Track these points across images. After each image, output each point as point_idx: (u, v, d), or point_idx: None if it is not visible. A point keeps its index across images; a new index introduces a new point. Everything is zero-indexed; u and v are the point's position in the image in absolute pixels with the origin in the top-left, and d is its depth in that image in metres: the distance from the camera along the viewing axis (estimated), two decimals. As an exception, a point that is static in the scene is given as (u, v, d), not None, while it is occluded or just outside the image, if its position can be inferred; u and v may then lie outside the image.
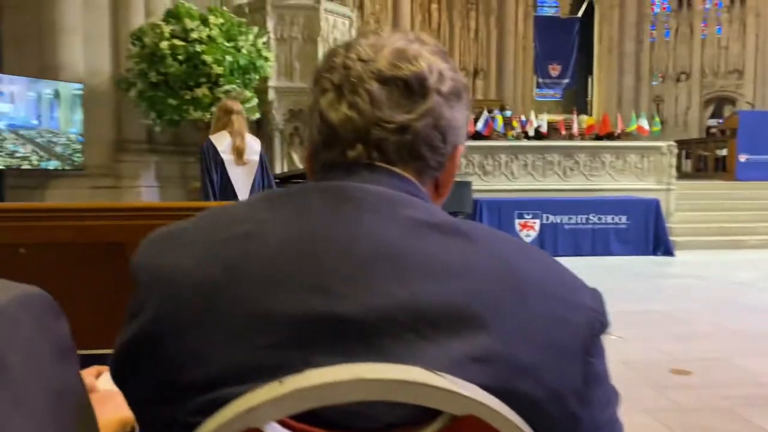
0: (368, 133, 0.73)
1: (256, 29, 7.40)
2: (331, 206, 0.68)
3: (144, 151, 7.86)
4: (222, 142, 4.43)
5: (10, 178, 7.22)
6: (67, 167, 7.19)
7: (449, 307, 0.60)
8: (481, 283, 0.62)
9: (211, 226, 0.71)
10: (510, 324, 0.61)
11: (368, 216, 0.67)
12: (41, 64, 7.21)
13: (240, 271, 0.65)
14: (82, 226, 1.91)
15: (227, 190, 4.45)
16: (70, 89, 7.12)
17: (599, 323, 0.66)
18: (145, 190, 7.89)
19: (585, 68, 22.73)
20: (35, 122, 6.93)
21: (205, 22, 6.78)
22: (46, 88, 6.99)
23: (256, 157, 4.52)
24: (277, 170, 8.19)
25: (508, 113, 12.99)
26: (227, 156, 4.41)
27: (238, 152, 4.41)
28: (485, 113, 11.15)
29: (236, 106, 4.56)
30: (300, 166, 8.35)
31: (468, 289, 0.61)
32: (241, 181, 4.46)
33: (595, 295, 0.69)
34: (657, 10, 21.87)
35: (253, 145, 4.55)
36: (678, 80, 20.98)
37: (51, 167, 7.06)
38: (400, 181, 0.73)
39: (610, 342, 0.67)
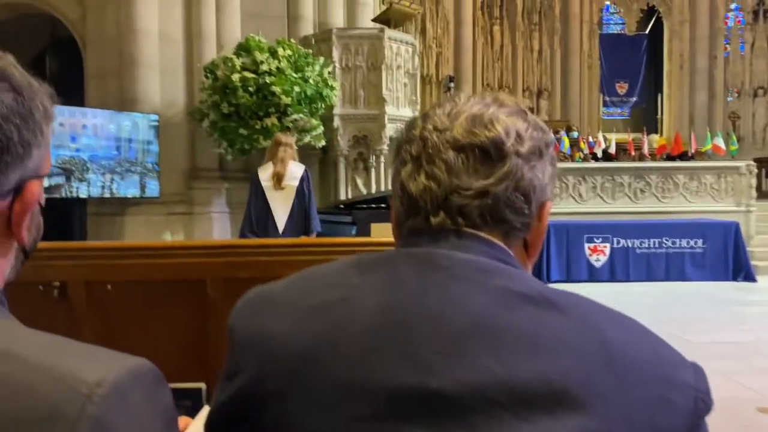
0: (447, 200, 0.73)
1: (322, 59, 7.58)
2: (421, 275, 0.68)
3: (216, 178, 8.14)
4: (266, 170, 4.80)
5: (91, 206, 7.62)
6: (144, 195, 7.52)
7: (544, 386, 0.59)
8: (577, 361, 0.61)
9: (303, 290, 0.73)
10: (609, 406, 0.59)
11: (459, 285, 0.67)
12: (120, 97, 7.61)
13: (332, 339, 0.66)
14: (164, 264, 1.99)
15: (267, 214, 4.78)
16: (147, 121, 7.48)
17: (704, 404, 0.64)
18: (217, 216, 8.15)
19: (654, 86, 22.06)
20: (115, 152, 7.29)
21: (274, 54, 7.00)
22: (125, 120, 7.36)
23: (295, 183, 4.75)
24: (341, 195, 8.31)
25: (575, 134, 12.72)
26: (267, 183, 4.75)
27: (277, 178, 4.72)
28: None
29: (285, 138, 4.89)
30: (364, 191, 8.44)
31: (564, 367, 0.60)
32: (279, 204, 4.78)
33: (698, 372, 0.66)
34: (731, 23, 21.06)
35: (294, 171, 4.78)
36: (755, 95, 20.04)
37: (129, 195, 7.40)
38: (489, 246, 0.73)
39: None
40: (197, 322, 2.03)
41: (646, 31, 21.47)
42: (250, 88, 6.84)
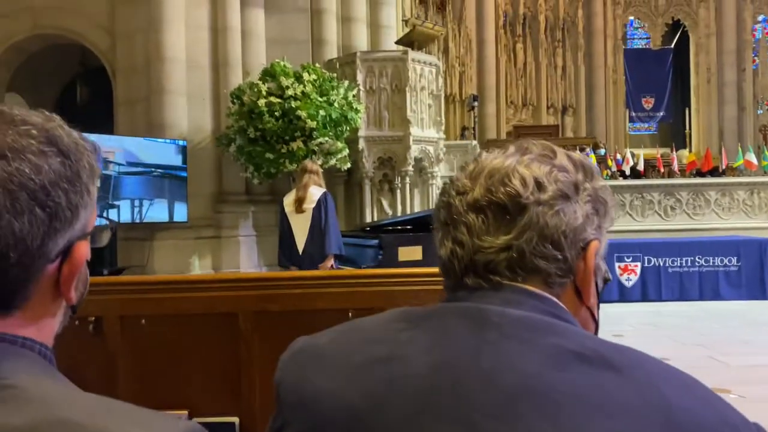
0: (472, 261, 0.73)
1: (346, 83, 7.64)
2: (471, 332, 0.66)
3: (242, 202, 8.21)
4: (290, 196, 5.15)
5: (120, 231, 7.73)
6: (172, 220, 7.60)
7: None
8: (635, 424, 0.58)
9: (350, 345, 0.72)
10: None
11: (511, 345, 0.65)
12: (149, 123, 7.74)
13: (382, 399, 0.65)
14: (197, 297, 2.00)
15: (291, 238, 5.06)
16: (175, 146, 7.59)
17: None
18: (243, 239, 8.21)
19: (681, 100, 21.83)
20: (144, 178, 7.40)
21: (299, 78, 7.08)
22: (154, 145, 7.47)
23: (313, 206, 4.98)
24: (367, 217, 8.31)
25: (602, 152, 12.60)
26: (289, 207, 5.08)
27: (299, 202, 5.01)
28: (578, 153, 10.87)
29: (310, 165, 5.20)
30: (389, 211, 8.44)
31: (621, 430, 0.58)
32: (299, 228, 5.06)
33: None
34: (759, 35, 20.80)
35: (314, 195, 5.00)
36: (787, 108, 19.72)
37: (158, 220, 7.49)
38: (539, 300, 0.70)
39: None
40: (230, 355, 2.03)
41: (672, 45, 21.28)
42: (276, 113, 6.92)
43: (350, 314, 1.95)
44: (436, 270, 0.80)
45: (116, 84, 8.24)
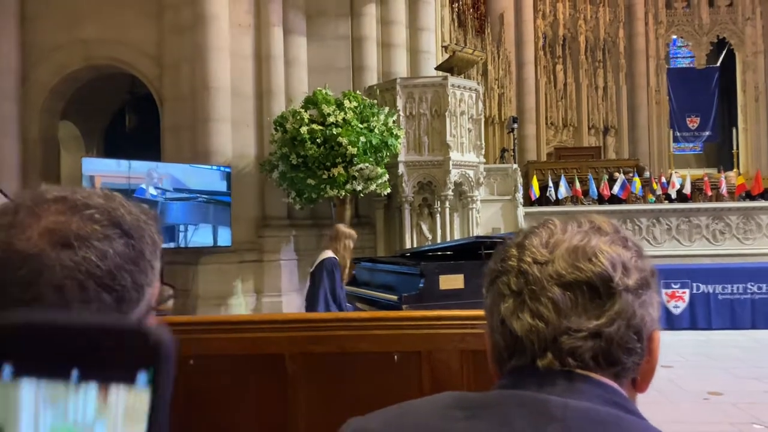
0: (556, 342, 0.69)
1: (386, 109, 7.70)
2: (534, 427, 0.64)
3: (284, 226, 8.31)
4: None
5: (166, 256, 7.87)
6: (216, 244, 7.74)
7: None
8: None
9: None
10: None
11: None
12: (195, 150, 7.92)
13: None
14: (244, 338, 2.02)
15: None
16: (220, 172, 7.75)
17: None
18: (285, 263, 8.29)
19: (728, 119, 21.29)
20: (190, 203, 7.57)
21: (340, 106, 7.17)
22: (199, 171, 7.64)
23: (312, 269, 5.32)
24: (407, 242, 8.29)
25: (647, 174, 12.35)
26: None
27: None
28: (621, 176, 10.69)
29: (331, 231, 5.46)
30: (428, 235, 8.41)
31: None
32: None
33: None
34: (809, 52, 20.19)
35: (318, 259, 5.26)
36: (841, 126, 19.03)
37: (202, 245, 7.63)
38: (603, 389, 0.68)
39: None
40: (276, 396, 2.04)
41: (717, 64, 20.82)
42: (318, 140, 7.01)
43: (395, 357, 1.95)
44: (481, 313, 0.78)
45: (163, 111, 8.48)
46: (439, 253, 6.26)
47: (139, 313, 0.66)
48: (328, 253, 5.17)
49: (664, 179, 11.56)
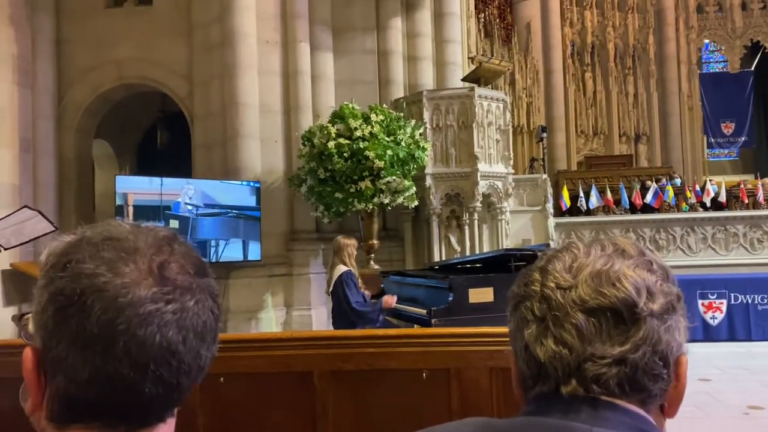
0: (580, 369, 0.68)
1: (413, 122, 7.71)
2: None
3: (313, 240, 8.35)
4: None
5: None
6: (247, 259, 7.81)
7: None
8: None
9: None
10: None
11: None
12: (225, 166, 8.04)
13: None
14: (273, 356, 2.03)
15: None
16: (249, 187, 7.84)
17: None
18: (314, 276, 8.32)
19: (764, 124, 20.80)
20: (220, 219, 7.67)
21: (366, 119, 7.20)
22: (229, 187, 7.75)
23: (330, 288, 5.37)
24: (435, 254, 8.26)
25: (678, 182, 12.11)
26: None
27: (327, 284, 5.48)
28: (653, 184, 10.49)
29: (334, 244, 5.52)
30: (457, 248, 8.36)
31: None
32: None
33: None
34: None
35: (335, 275, 5.30)
36: None
37: (233, 259, 7.71)
38: (628, 416, 0.67)
39: None
40: (306, 413, 2.04)
41: (752, 68, 20.39)
42: (345, 154, 7.04)
43: (424, 375, 1.94)
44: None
45: (194, 129, 8.63)
46: (468, 265, 6.22)
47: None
48: (341, 268, 5.24)
49: (698, 187, 11.33)
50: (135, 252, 0.63)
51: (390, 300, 5.22)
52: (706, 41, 21.24)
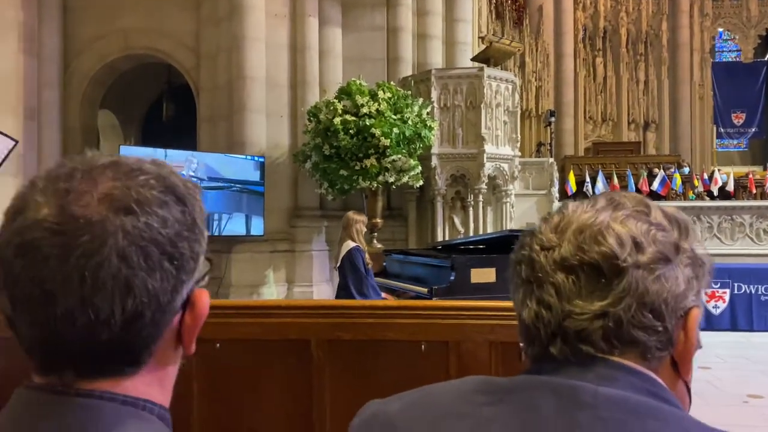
0: (561, 326, 0.66)
1: (421, 100, 7.62)
2: (562, 413, 0.60)
3: (316, 216, 8.33)
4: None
5: (201, 243, 7.97)
6: (249, 233, 7.80)
7: None
8: None
9: (424, 417, 0.67)
10: None
11: (607, 429, 0.58)
12: (230, 140, 7.99)
13: None
14: (270, 323, 2.01)
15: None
16: (254, 162, 7.80)
17: None
18: (316, 254, 8.31)
19: (775, 115, 20.60)
20: (224, 192, 7.64)
21: (374, 96, 7.13)
22: (234, 161, 7.71)
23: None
24: (438, 235, 8.23)
25: (686, 170, 12.01)
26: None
27: (335, 260, 5.47)
28: (661, 172, 10.40)
29: (344, 219, 5.43)
30: (460, 229, 8.32)
31: None
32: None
33: None
34: None
35: (343, 251, 5.27)
36: None
37: (235, 233, 7.70)
38: (636, 377, 0.64)
39: None
40: (301, 382, 2.02)
41: (766, 58, 20.13)
42: (351, 131, 6.98)
43: (422, 347, 1.91)
44: (511, 304, 0.74)
45: (200, 101, 8.58)
46: (471, 246, 6.19)
47: (191, 284, 0.64)
48: (350, 244, 5.20)
49: (705, 176, 11.23)
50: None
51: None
52: (720, 29, 20.97)
